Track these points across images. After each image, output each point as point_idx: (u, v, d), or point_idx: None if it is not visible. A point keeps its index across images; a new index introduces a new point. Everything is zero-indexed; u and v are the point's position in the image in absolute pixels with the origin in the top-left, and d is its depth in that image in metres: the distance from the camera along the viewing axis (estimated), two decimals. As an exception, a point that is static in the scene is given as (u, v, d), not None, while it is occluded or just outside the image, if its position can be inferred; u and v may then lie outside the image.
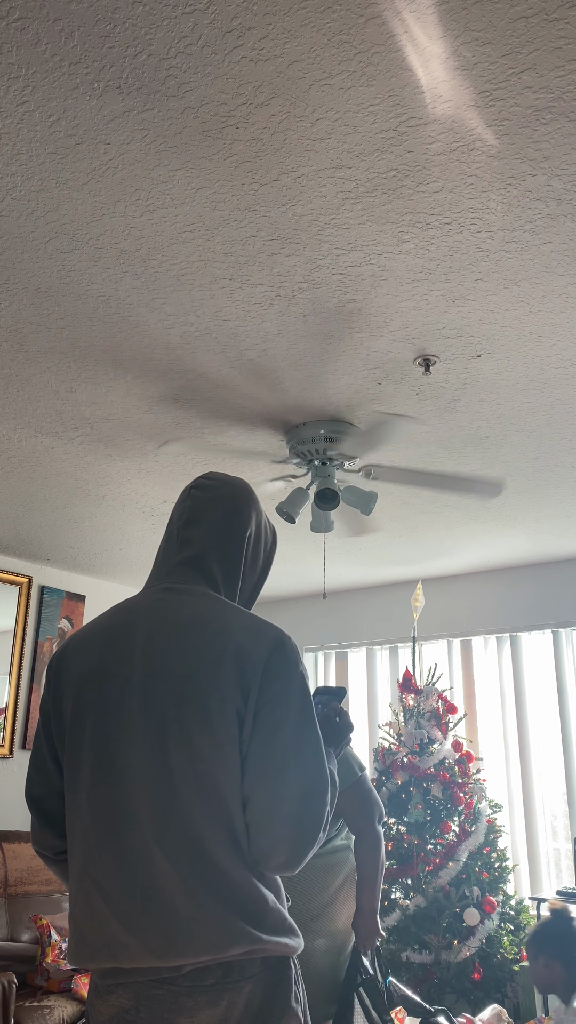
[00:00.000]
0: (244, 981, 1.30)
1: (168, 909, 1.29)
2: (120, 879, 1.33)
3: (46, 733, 1.50)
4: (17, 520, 4.29)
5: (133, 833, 1.33)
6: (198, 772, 1.33)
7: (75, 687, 1.45)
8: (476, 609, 5.31)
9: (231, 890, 1.31)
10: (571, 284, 2.25)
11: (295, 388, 2.85)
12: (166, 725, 1.35)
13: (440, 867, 4.11)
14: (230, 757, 1.34)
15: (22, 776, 4.82)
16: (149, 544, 4.69)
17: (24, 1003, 3.41)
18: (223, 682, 1.36)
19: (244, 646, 1.38)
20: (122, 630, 1.46)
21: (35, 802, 1.50)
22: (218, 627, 1.41)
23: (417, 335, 2.52)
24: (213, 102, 1.67)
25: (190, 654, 1.39)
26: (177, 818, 1.32)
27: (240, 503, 1.58)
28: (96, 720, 1.40)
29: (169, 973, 1.30)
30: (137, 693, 1.39)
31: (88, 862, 1.36)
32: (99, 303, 2.36)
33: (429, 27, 1.50)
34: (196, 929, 1.28)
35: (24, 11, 1.48)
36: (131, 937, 1.30)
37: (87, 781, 1.38)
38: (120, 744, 1.37)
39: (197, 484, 1.59)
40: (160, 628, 1.44)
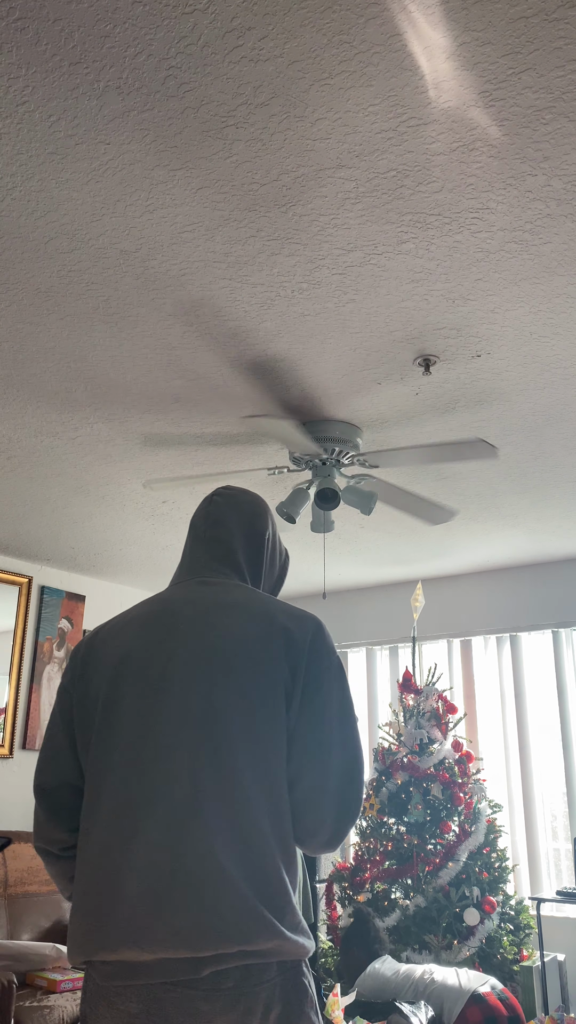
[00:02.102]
0: (261, 986, 1.27)
1: (200, 892, 1.26)
2: (151, 859, 1.29)
3: (64, 721, 1.48)
4: (17, 520, 4.29)
5: (171, 812, 1.31)
6: (248, 749, 1.35)
7: (109, 671, 1.45)
8: (476, 609, 5.31)
9: (263, 876, 1.30)
10: (571, 284, 2.25)
11: (295, 388, 2.85)
12: (214, 703, 1.37)
13: (440, 867, 4.11)
14: (278, 734, 1.37)
15: (22, 776, 4.82)
16: (149, 544, 4.69)
17: (24, 1003, 3.41)
18: (272, 660, 1.41)
19: (289, 627, 1.45)
20: (160, 616, 1.49)
21: (45, 794, 1.47)
22: (260, 610, 1.48)
23: (417, 335, 2.52)
24: (213, 102, 1.67)
25: (237, 634, 1.43)
26: (224, 798, 1.32)
27: (259, 508, 1.69)
28: (134, 701, 1.40)
29: (188, 974, 1.25)
30: (181, 673, 1.40)
31: (115, 844, 1.33)
32: (99, 303, 2.36)
33: (435, 21, 1.50)
34: (225, 914, 1.25)
35: (24, 11, 1.48)
36: (157, 919, 1.26)
37: (122, 760, 1.37)
38: (161, 723, 1.37)
39: (218, 492, 1.69)
40: (202, 612, 1.47)
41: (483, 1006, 3.05)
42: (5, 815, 4.68)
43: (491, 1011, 3.05)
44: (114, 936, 1.27)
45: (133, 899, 1.27)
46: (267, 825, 1.32)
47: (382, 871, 4.25)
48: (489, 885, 4.16)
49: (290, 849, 1.35)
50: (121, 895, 1.28)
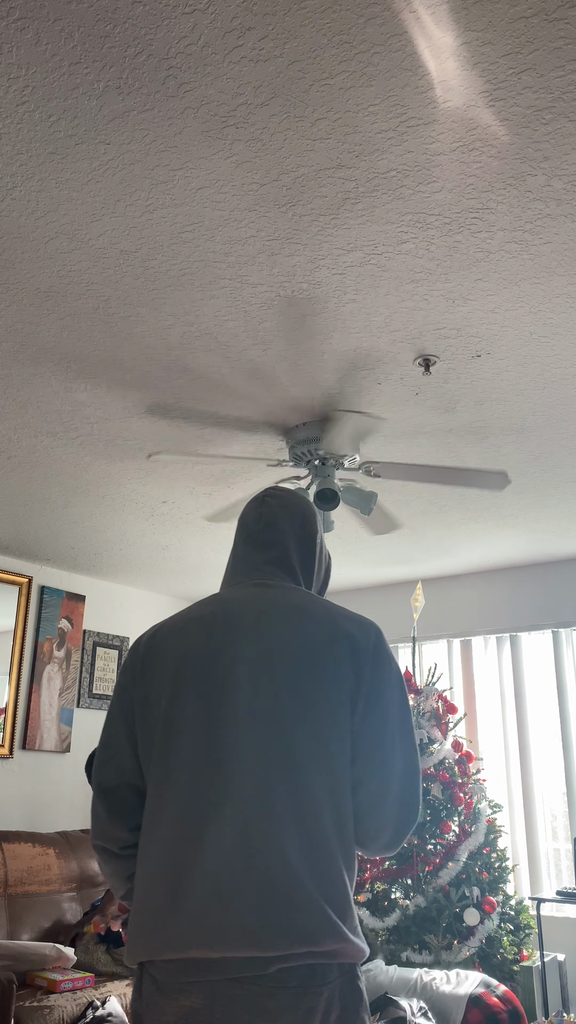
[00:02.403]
0: (324, 986, 1.27)
1: (270, 892, 1.26)
2: (221, 859, 1.29)
3: (125, 720, 1.47)
4: (17, 520, 4.29)
5: (240, 812, 1.31)
6: (314, 752, 1.36)
7: (172, 671, 1.45)
8: (476, 609, 5.31)
9: (328, 878, 1.31)
10: (571, 284, 2.25)
11: (295, 388, 2.85)
12: (280, 705, 1.38)
13: (440, 867, 4.11)
14: (343, 738, 1.39)
15: (22, 776, 4.82)
16: (149, 544, 4.69)
17: (24, 1003, 3.41)
18: (337, 665, 1.42)
19: (353, 632, 1.47)
20: (222, 617, 1.49)
21: (105, 793, 1.46)
22: (323, 614, 1.49)
23: (417, 335, 2.52)
24: (213, 102, 1.67)
25: (303, 637, 1.44)
26: (297, 796, 1.32)
27: (310, 512, 1.71)
28: (198, 702, 1.40)
29: (255, 970, 1.24)
30: (248, 674, 1.41)
31: (182, 844, 1.32)
32: (99, 303, 2.36)
33: (441, 20, 1.49)
34: (297, 916, 1.26)
35: (24, 11, 1.48)
36: (228, 919, 1.25)
37: (187, 761, 1.37)
38: (227, 724, 1.37)
39: (270, 493, 1.70)
40: (266, 614, 1.48)
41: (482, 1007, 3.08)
42: (5, 815, 4.67)
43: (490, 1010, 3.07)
44: (183, 935, 1.26)
45: (202, 898, 1.27)
46: (331, 827, 1.34)
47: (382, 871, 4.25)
48: (489, 885, 4.16)
49: (351, 852, 1.37)
50: (190, 894, 1.28)
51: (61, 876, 4.33)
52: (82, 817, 5.08)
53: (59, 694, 5.10)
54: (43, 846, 4.35)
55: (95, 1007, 3.53)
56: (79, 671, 5.26)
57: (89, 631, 5.38)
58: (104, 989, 3.73)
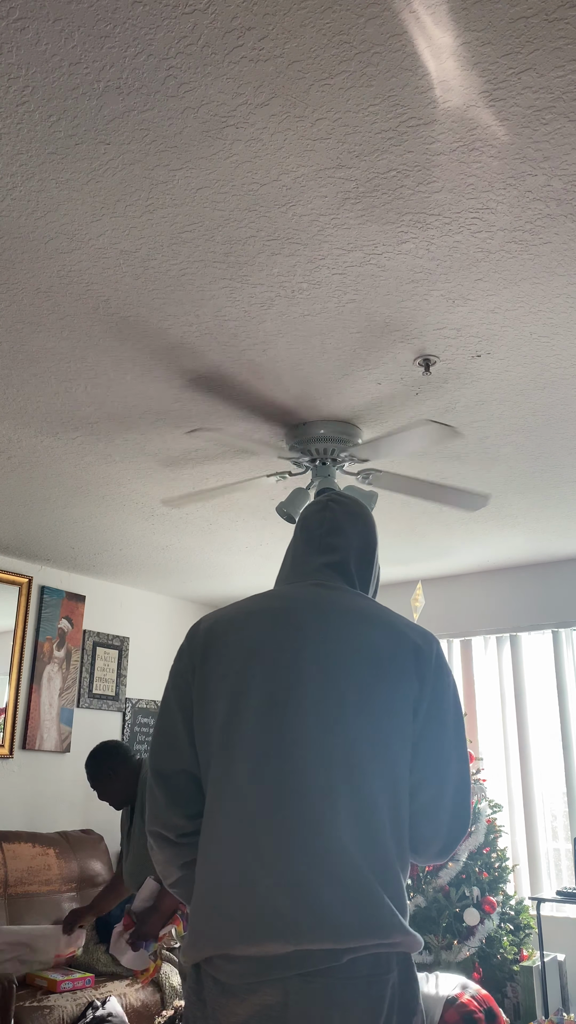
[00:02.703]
0: (388, 974, 1.30)
1: (341, 885, 1.28)
2: (290, 851, 1.30)
3: (182, 708, 1.47)
4: (17, 520, 4.29)
5: (306, 804, 1.32)
6: (376, 756, 1.38)
7: (237, 663, 1.45)
8: (476, 609, 5.31)
9: (390, 875, 1.34)
10: (571, 284, 2.25)
11: (295, 388, 2.85)
12: (346, 707, 1.39)
13: (440, 867, 4.11)
14: (404, 745, 1.42)
15: (22, 776, 4.82)
16: (149, 544, 4.69)
17: (24, 1003, 3.41)
18: (402, 673, 1.45)
19: (418, 642, 1.50)
20: (286, 613, 1.51)
21: (165, 779, 1.46)
22: (386, 621, 1.52)
23: (417, 335, 2.52)
24: (213, 102, 1.67)
25: (369, 642, 1.46)
26: (358, 795, 1.34)
27: (371, 523, 1.74)
28: (266, 697, 1.41)
29: (329, 962, 1.25)
30: (312, 674, 1.42)
31: (248, 836, 1.32)
32: (99, 303, 2.36)
33: (441, 20, 1.50)
34: (367, 909, 1.28)
35: (24, 11, 1.48)
36: (302, 912, 1.26)
37: (251, 753, 1.37)
38: (292, 718, 1.38)
39: (333, 499, 1.73)
40: (330, 615, 1.50)
41: (458, 1006, 3.14)
42: (5, 815, 4.67)
43: (465, 1008, 3.14)
44: (258, 928, 1.26)
45: (276, 891, 1.27)
46: (388, 829, 1.36)
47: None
48: (489, 885, 4.16)
49: (405, 856, 1.40)
50: (262, 887, 1.28)
51: (61, 876, 4.33)
52: (82, 817, 5.08)
53: (59, 694, 5.10)
54: (43, 846, 4.35)
55: (95, 1007, 3.53)
56: (79, 671, 5.26)
57: (89, 631, 5.38)
58: (104, 989, 3.73)
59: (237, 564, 5.12)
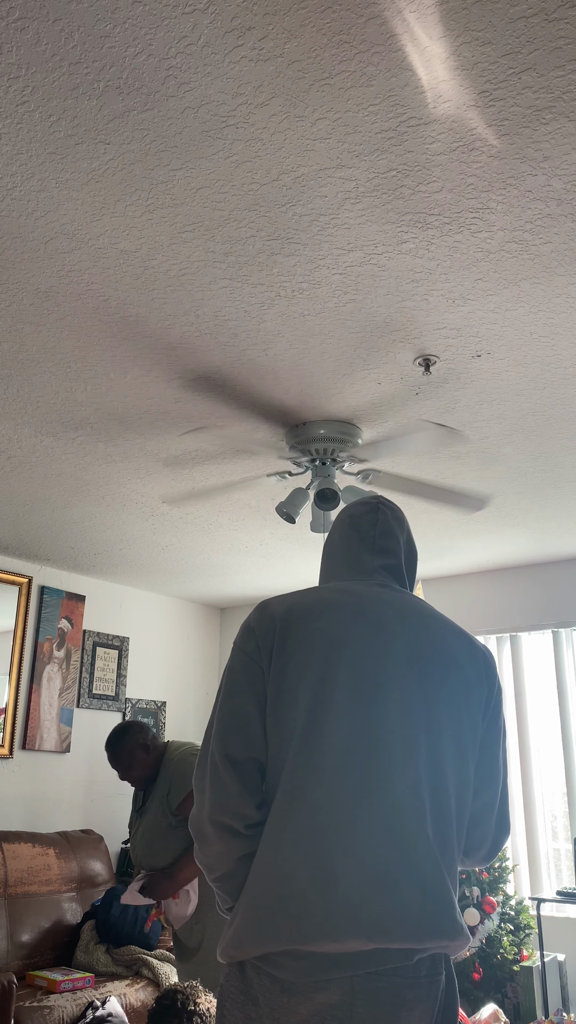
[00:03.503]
0: (441, 975, 1.31)
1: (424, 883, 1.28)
2: (377, 845, 1.28)
3: (255, 692, 1.43)
4: (17, 520, 4.29)
5: (392, 800, 1.32)
6: (454, 753, 1.41)
7: (322, 653, 1.43)
8: (476, 609, 5.31)
9: (455, 876, 1.37)
10: (571, 284, 2.25)
11: (295, 388, 2.85)
12: (430, 706, 1.42)
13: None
14: (473, 749, 1.47)
15: (22, 776, 4.82)
16: (149, 544, 4.69)
17: (24, 1003, 3.41)
18: (477, 679, 1.51)
19: (485, 652, 1.57)
20: (365, 608, 1.51)
21: (236, 764, 1.39)
22: (457, 628, 1.58)
23: (417, 335, 2.52)
24: (213, 102, 1.67)
25: (445, 646, 1.51)
26: (439, 794, 1.36)
27: (410, 528, 1.79)
28: (352, 690, 1.40)
29: (401, 961, 1.24)
30: (398, 668, 1.44)
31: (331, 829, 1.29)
32: (99, 303, 2.36)
33: (430, 27, 1.50)
34: (445, 909, 1.29)
35: (24, 11, 1.48)
36: (389, 908, 1.24)
37: (336, 746, 1.35)
38: (380, 713, 1.39)
39: (382, 501, 1.75)
40: (407, 616, 1.53)
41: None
42: (5, 815, 4.67)
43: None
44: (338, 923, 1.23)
45: (360, 887, 1.25)
46: (455, 829, 1.39)
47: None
48: (489, 885, 4.16)
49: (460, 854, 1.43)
50: (344, 882, 1.25)
51: (61, 876, 4.33)
52: (82, 817, 5.08)
53: (59, 694, 5.10)
54: (43, 846, 4.35)
55: (95, 1007, 3.53)
56: (79, 671, 5.26)
57: (89, 631, 5.38)
58: (104, 989, 3.73)
59: (237, 564, 5.12)
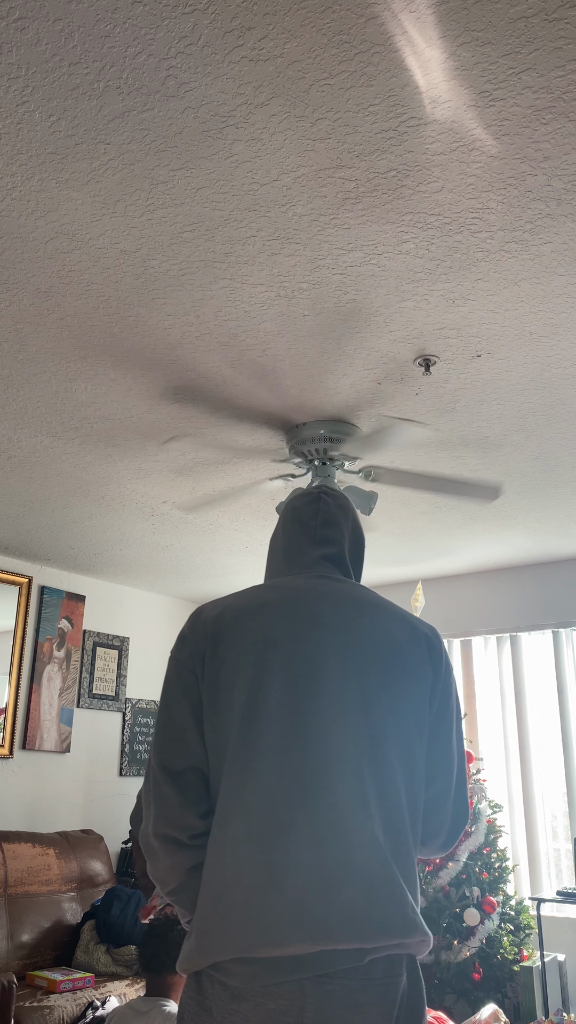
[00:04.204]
0: (400, 976, 1.26)
1: (370, 882, 1.24)
2: (318, 847, 1.25)
3: (190, 701, 1.41)
4: (17, 520, 4.29)
5: (333, 799, 1.29)
6: (399, 743, 1.38)
7: (252, 654, 1.41)
8: (476, 609, 5.31)
9: (410, 871, 1.31)
10: (571, 284, 2.25)
11: (295, 388, 2.85)
12: (369, 695, 1.38)
13: (440, 867, 4.11)
14: (422, 734, 1.42)
15: (22, 776, 4.82)
16: (149, 544, 4.69)
17: (24, 1003, 3.41)
18: (419, 665, 1.46)
19: (429, 635, 1.52)
20: (297, 603, 1.49)
21: (174, 776, 1.37)
22: (397, 612, 1.53)
23: (417, 335, 2.52)
24: (213, 102, 1.67)
25: (383, 634, 1.46)
26: (379, 788, 1.32)
27: (357, 516, 1.75)
28: (286, 687, 1.37)
29: (351, 963, 1.21)
30: (333, 663, 1.40)
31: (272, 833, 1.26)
32: (99, 303, 2.36)
33: (427, 30, 1.50)
34: (395, 907, 1.24)
35: (24, 11, 1.48)
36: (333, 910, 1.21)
37: (273, 748, 1.33)
38: (315, 711, 1.35)
39: (324, 491, 1.73)
40: (344, 606, 1.49)
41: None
42: (5, 815, 4.67)
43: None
44: (282, 928, 1.20)
45: (303, 890, 1.22)
46: (408, 822, 1.35)
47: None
48: (489, 885, 4.16)
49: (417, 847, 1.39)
50: (287, 886, 1.23)
51: (61, 876, 4.33)
52: (82, 817, 5.08)
53: (59, 694, 5.10)
54: (43, 846, 4.35)
55: (95, 1007, 3.53)
56: (79, 671, 5.26)
57: (89, 631, 5.38)
58: (104, 989, 3.73)
59: (237, 564, 5.12)
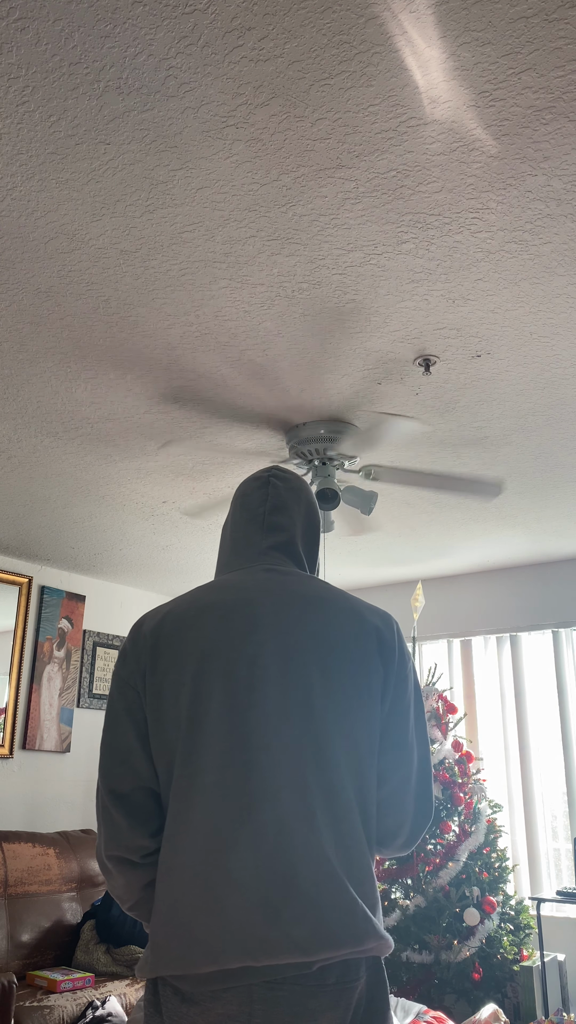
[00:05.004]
0: (358, 981, 1.24)
1: (315, 897, 1.20)
2: (260, 866, 1.21)
3: (133, 720, 1.36)
4: (17, 520, 4.29)
5: (276, 814, 1.24)
6: (347, 748, 1.32)
7: (191, 666, 1.35)
8: (476, 609, 5.31)
9: (363, 876, 1.26)
10: (571, 284, 2.25)
11: (295, 388, 2.85)
12: (312, 699, 1.31)
13: (440, 867, 4.11)
14: (372, 735, 1.35)
15: (22, 776, 4.82)
16: (149, 544, 4.69)
17: (24, 1003, 3.41)
18: (367, 660, 1.38)
19: (379, 625, 1.42)
20: (240, 606, 1.40)
21: (121, 799, 1.34)
22: (345, 605, 1.43)
23: (417, 335, 2.52)
24: (213, 102, 1.67)
25: (330, 629, 1.38)
26: (326, 796, 1.27)
27: (313, 498, 1.65)
28: (226, 698, 1.32)
29: (297, 970, 1.18)
30: (274, 667, 1.33)
31: (215, 851, 1.23)
32: (99, 303, 2.36)
33: (427, 30, 1.50)
34: (343, 919, 1.20)
35: (24, 11, 1.48)
36: (274, 929, 1.18)
37: (215, 763, 1.28)
38: (257, 720, 1.30)
39: (274, 474, 1.62)
40: (286, 603, 1.40)
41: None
42: (5, 815, 4.68)
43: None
44: (224, 947, 1.18)
45: (245, 909, 1.20)
46: (360, 825, 1.30)
47: (382, 871, 4.25)
48: (489, 885, 4.16)
49: (372, 848, 1.34)
50: (230, 904, 1.20)
51: (61, 876, 4.33)
52: (82, 817, 5.08)
53: (59, 694, 5.10)
54: (43, 846, 4.35)
55: (95, 1007, 3.53)
56: (79, 671, 5.26)
57: (89, 631, 5.38)
58: (104, 989, 3.73)
59: (237, 564, 5.11)
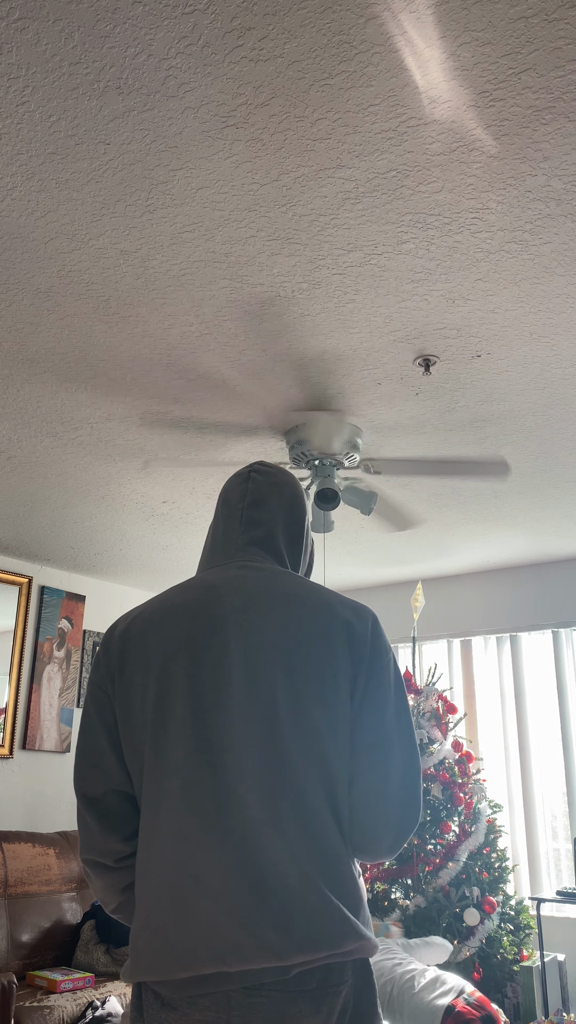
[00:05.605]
0: (342, 985, 1.21)
1: (285, 900, 1.18)
2: (228, 871, 1.19)
3: (104, 723, 1.35)
4: (17, 520, 4.29)
5: (242, 817, 1.22)
6: (312, 748, 1.27)
7: (157, 669, 1.32)
8: (476, 609, 5.31)
9: (340, 878, 1.23)
10: (571, 284, 2.25)
11: (295, 388, 2.85)
12: (276, 699, 1.28)
13: (440, 867, 4.11)
14: (341, 733, 1.30)
15: (22, 776, 4.82)
16: (149, 544, 4.69)
17: (24, 1003, 3.41)
18: (336, 657, 1.32)
19: (351, 620, 1.37)
20: (206, 606, 1.37)
21: (93, 803, 1.33)
22: (316, 600, 1.38)
23: (417, 335, 2.52)
24: (213, 102, 1.67)
25: (297, 627, 1.34)
26: (292, 798, 1.23)
27: (299, 491, 1.59)
28: (189, 699, 1.29)
29: (274, 976, 1.17)
30: (238, 668, 1.30)
31: (184, 856, 1.22)
32: (99, 303, 2.36)
33: (427, 30, 1.50)
34: (317, 921, 1.18)
35: (24, 11, 1.48)
36: (245, 935, 1.16)
37: (181, 766, 1.26)
38: (221, 723, 1.27)
39: (256, 469, 1.58)
40: (254, 602, 1.37)
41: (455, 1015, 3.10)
42: (5, 815, 4.68)
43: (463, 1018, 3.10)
44: (196, 954, 1.17)
45: (215, 916, 1.18)
46: (334, 825, 1.26)
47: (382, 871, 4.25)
48: (489, 885, 4.16)
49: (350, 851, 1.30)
50: (200, 910, 1.19)
51: (61, 876, 4.33)
52: (82, 817, 5.08)
53: (59, 694, 5.10)
54: (43, 846, 4.35)
55: (95, 1007, 3.53)
56: (79, 671, 5.26)
57: (89, 631, 5.38)
58: (104, 989, 3.73)
59: (237, 564, 5.12)
